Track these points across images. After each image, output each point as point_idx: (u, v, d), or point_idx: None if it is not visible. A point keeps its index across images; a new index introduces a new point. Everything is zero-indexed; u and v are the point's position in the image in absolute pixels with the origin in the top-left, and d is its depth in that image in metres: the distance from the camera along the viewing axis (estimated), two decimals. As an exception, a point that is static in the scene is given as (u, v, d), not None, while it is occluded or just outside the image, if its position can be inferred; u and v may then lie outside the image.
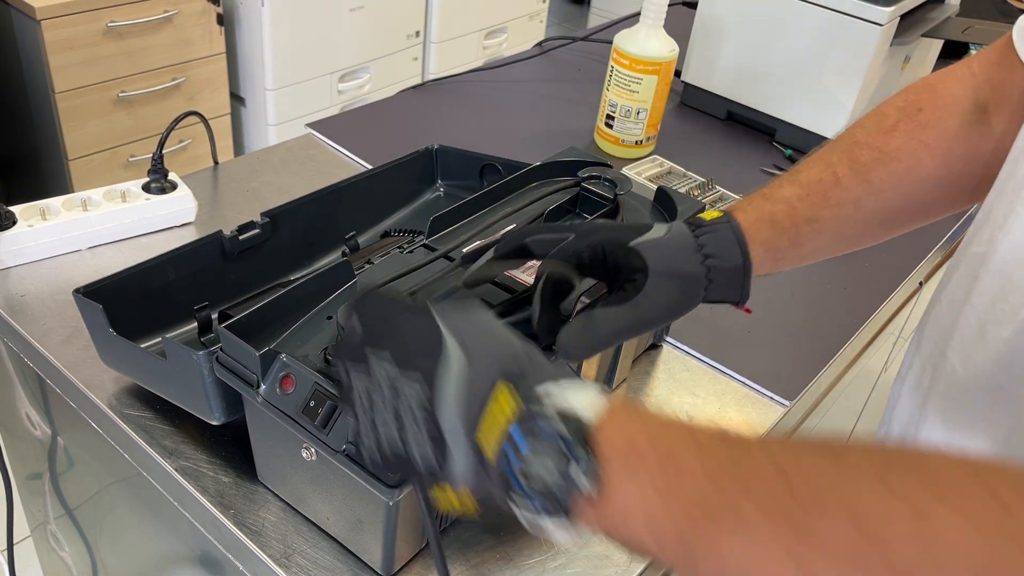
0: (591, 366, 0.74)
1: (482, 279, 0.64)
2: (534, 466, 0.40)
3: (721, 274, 0.61)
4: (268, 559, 0.62)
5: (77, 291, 0.68)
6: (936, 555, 0.31)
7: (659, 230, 0.61)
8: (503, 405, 0.42)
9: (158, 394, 0.70)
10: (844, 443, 0.37)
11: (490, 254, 0.63)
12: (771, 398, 0.84)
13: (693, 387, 0.84)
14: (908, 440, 0.66)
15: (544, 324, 0.60)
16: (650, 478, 0.39)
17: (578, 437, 0.40)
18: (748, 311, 0.63)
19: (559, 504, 0.40)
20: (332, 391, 0.56)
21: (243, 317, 0.60)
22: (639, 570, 0.66)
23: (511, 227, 0.67)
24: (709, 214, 0.63)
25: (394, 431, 0.45)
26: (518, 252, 0.62)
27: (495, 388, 0.43)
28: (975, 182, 0.67)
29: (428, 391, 0.44)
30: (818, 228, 0.65)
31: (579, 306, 0.67)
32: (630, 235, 0.60)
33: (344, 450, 0.55)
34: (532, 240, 0.61)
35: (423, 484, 0.48)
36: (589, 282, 0.66)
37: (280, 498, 0.66)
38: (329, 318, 0.63)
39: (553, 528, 0.42)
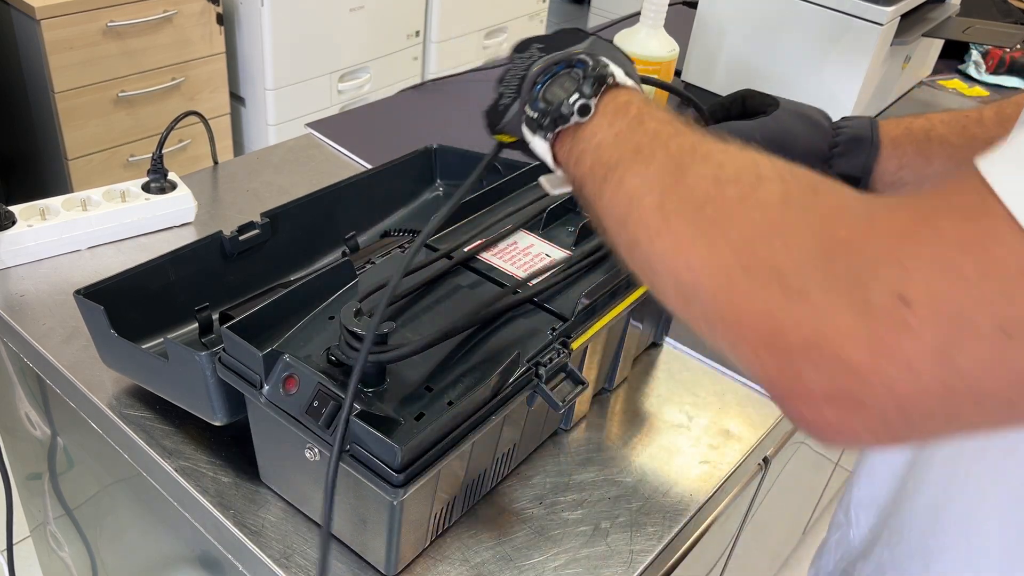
0: (592, 366, 0.74)
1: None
2: (554, 86, 0.51)
3: (848, 139, 0.67)
4: (268, 559, 0.62)
5: (78, 292, 0.68)
6: (754, 197, 0.39)
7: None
8: (560, 54, 0.53)
9: (160, 395, 0.70)
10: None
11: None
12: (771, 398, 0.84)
13: (693, 387, 0.84)
14: None
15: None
16: (618, 125, 0.48)
17: (594, 78, 0.50)
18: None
19: (550, 120, 0.50)
20: (336, 391, 0.56)
21: (245, 318, 0.60)
22: (639, 570, 0.66)
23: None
24: None
25: (505, 88, 0.55)
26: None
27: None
28: None
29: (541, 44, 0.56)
30: (948, 151, 0.67)
31: (579, 307, 0.67)
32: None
33: (348, 450, 0.55)
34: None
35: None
36: (593, 280, 0.66)
37: (280, 498, 0.66)
38: (331, 318, 0.63)
39: (542, 150, 0.52)
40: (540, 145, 0.52)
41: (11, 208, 0.87)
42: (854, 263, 0.34)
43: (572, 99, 0.49)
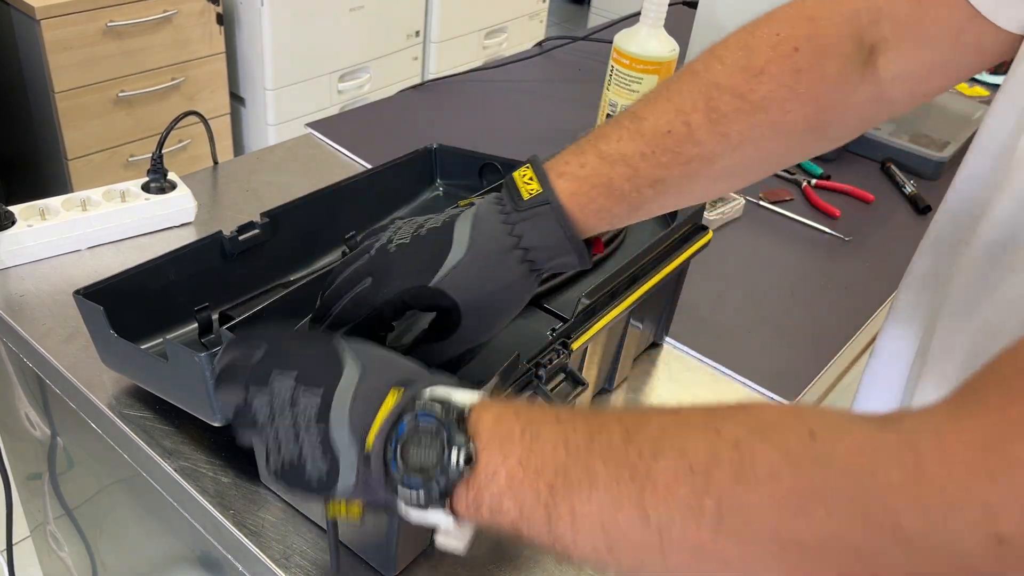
0: (592, 366, 0.74)
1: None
2: (413, 452, 0.42)
3: (549, 261, 0.55)
4: (268, 559, 0.62)
5: (77, 292, 0.68)
6: (751, 483, 0.34)
7: (462, 237, 0.54)
8: (389, 403, 0.44)
9: (159, 396, 0.69)
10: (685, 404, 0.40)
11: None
12: (771, 398, 0.84)
13: (693, 387, 0.84)
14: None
15: None
16: (513, 449, 0.41)
17: (453, 421, 0.42)
18: (601, 249, 0.58)
19: (440, 490, 0.41)
20: None
21: (245, 319, 0.60)
22: (639, 570, 0.65)
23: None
24: (523, 179, 0.55)
25: (293, 448, 0.46)
26: (336, 323, 0.56)
27: (388, 393, 0.44)
28: (845, 132, 0.60)
29: (327, 403, 0.45)
30: (662, 189, 0.55)
31: (579, 307, 0.67)
32: (428, 272, 0.53)
33: None
34: (338, 311, 0.56)
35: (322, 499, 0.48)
36: (593, 280, 0.64)
37: (280, 498, 0.66)
38: None
39: (438, 521, 0.43)
40: (438, 518, 0.42)
41: (11, 208, 0.87)
42: (927, 515, 0.30)
43: (450, 457, 0.41)
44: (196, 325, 0.75)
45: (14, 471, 1.03)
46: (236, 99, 2.43)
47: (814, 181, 1.23)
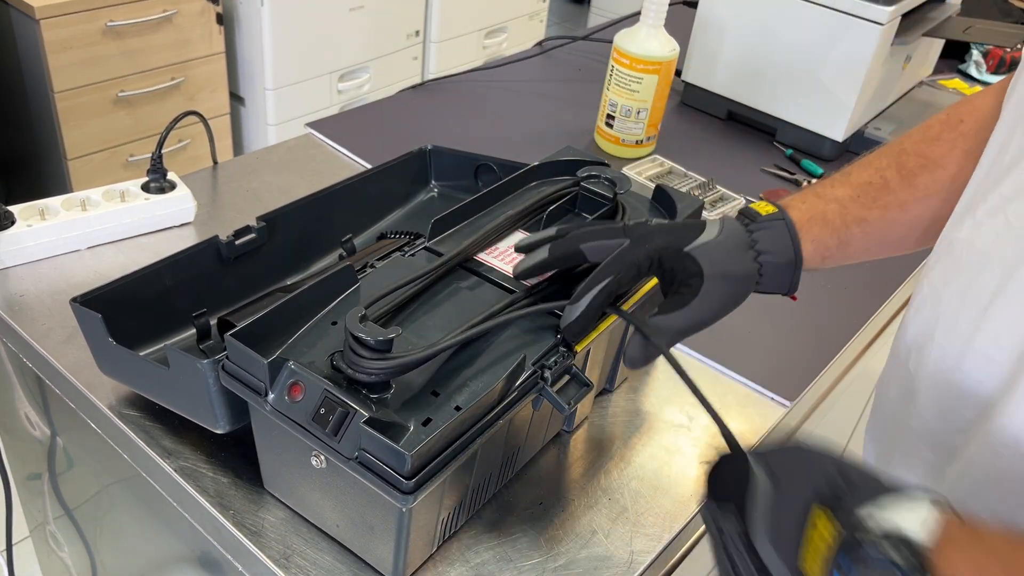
0: (594, 367, 0.74)
1: (534, 272, 0.67)
2: None
3: (773, 269, 0.64)
4: (267, 560, 0.62)
5: (74, 300, 0.67)
6: None
7: (712, 229, 0.63)
8: (823, 531, 0.40)
9: (159, 403, 0.69)
10: None
11: (544, 253, 0.65)
12: (771, 398, 0.84)
13: (693, 387, 0.83)
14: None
15: (584, 327, 0.63)
16: None
17: (913, 565, 0.38)
18: (795, 298, 0.69)
19: None
20: (342, 397, 0.55)
21: (248, 325, 0.59)
22: (639, 571, 0.65)
23: (550, 231, 0.67)
24: (763, 207, 0.66)
25: (730, 571, 0.46)
26: (573, 257, 0.64)
27: (811, 513, 0.41)
28: None
29: (742, 522, 0.45)
30: (867, 229, 0.67)
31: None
32: (685, 239, 0.62)
33: (356, 457, 0.55)
34: (588, 248, 0.63)
35: None
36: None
37: (279, 500, 0.66)
38: (334, 323, 0.62)
39: None
40: None
41: (11, 208, 0.87)
42: None
43: None
44: (193, 331, 0.75)
45: (14, 471, 1.03)
46: (236, 99, 2.43)
47: (814, 181, 1.23)
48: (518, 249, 0.69)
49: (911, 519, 0.39)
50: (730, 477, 0.47)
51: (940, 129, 0.70)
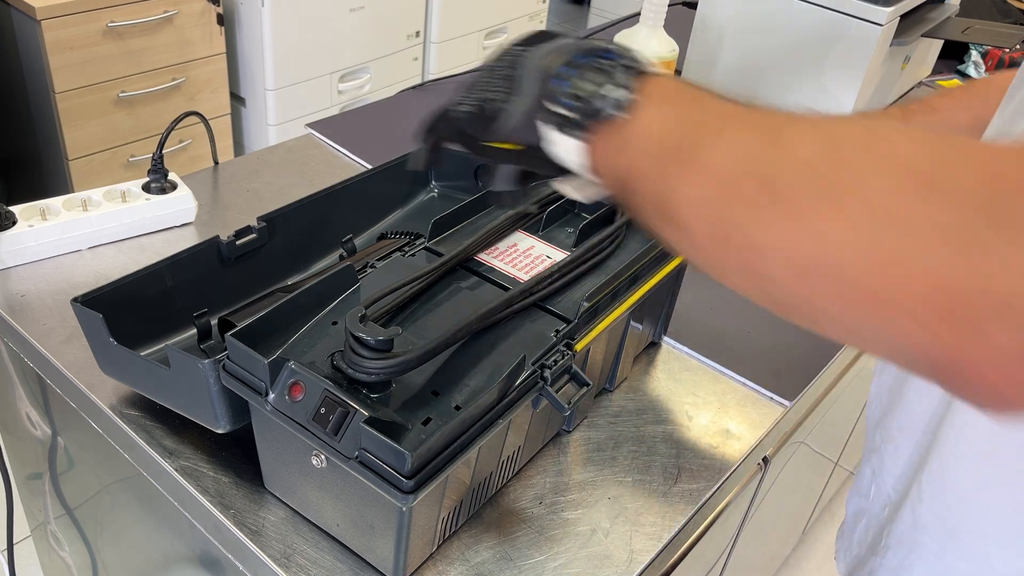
0: (594, 365, 0.74)
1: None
2: (582, 80, 0.44)
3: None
4: (268, 559, 0.62)
5: (75, 300, 0.68)
6: (880, 153, 0.35)
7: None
8: (568, 44, 0.47)
9: (160, 403, 0.69)
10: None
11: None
12: (771, 398, 0.84)
13: (693, 387, 0.84)
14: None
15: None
16: (676, 109, 0.42)
17: (631, 70, 0.44)
18: None
19: (587, 116, 0.44)
20: (342, 397, 0.56)
21: (248, 324, 0.59)
22: (639, 570, 0.66)
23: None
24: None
25: (483, 87, 0.51)
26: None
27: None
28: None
29: (524, 53, 0.49)
30: None
31: (582, 309, 0.67)
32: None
33: (356, 456, 0.55)
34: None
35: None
36: (595, 281, 0.65)
37: (280, 499, 0.66)
38: (334, 323, 0.63)
39: (567, 150, 0.45)
40: (569, 146, 0.45)
41: (11, 208, 0.87)
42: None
43: (609, 90, 0.43)
44: (194, 331, 0.75)
45: (15, 471, 1.04)
46: (236, 99, 2.43)
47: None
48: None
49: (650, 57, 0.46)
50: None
51: (940, 95, 0.76)
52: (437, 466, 0.55)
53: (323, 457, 0.57)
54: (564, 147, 0.46)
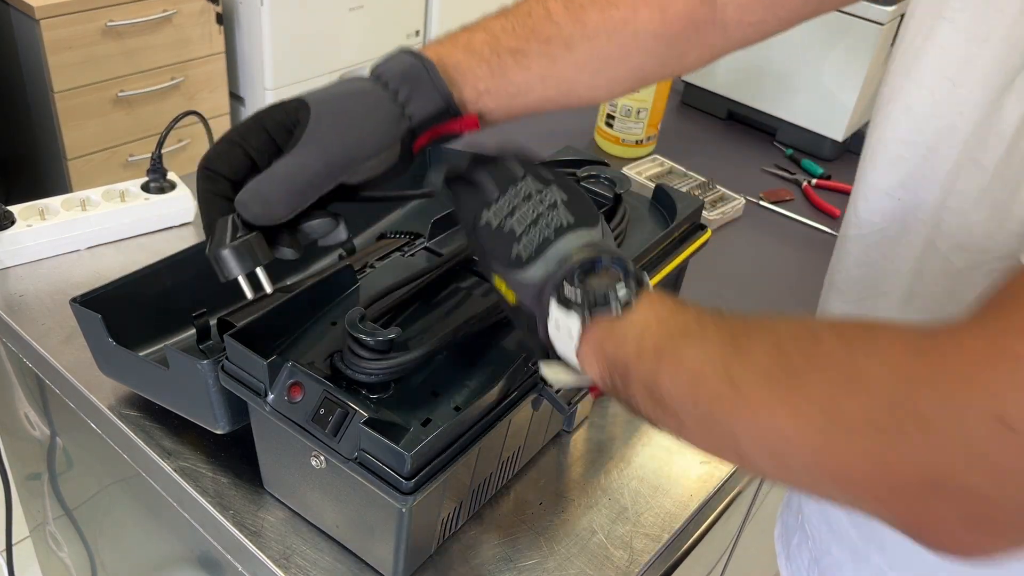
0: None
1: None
2: (597, 278, 0.50)
3: (392, 75, 0.61)
4: (267, 560, 0.62)
5: (74, 300, 0.67)
6: (815, 353, 0.39)
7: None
8: (599, 243, 0.53)
9: (159, 403, 0.69)
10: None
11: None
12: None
13: (693, 387, 0.83)
14: None
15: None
16: (659, 312, 0.48)
17: (637, 284, 0.50)
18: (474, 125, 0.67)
19: (593, 305, 0.49)
20: (341, 398, 0.55)
21: (247, 325, 0.59)
22: (639, 570, 0.66)
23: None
24: None
25: (520, 223, 0.53)
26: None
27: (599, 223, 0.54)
28: (693, 54, 0.67)
29: (564, 201, 0.54)
30: (524, 62, 0.61)
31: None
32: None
33: (356, 457, 0.55)
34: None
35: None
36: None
37: (279, 500, 0.66)
38: (334, 324, 0.62)
39: (566, 327, 0.49)
40: (568, 325, 0.49)
41: (10, 208, 0.87)
42: (942, 398, 0.34)
43: (617, 291, 0.49)
44: (193, 331, 0.75)
45: (14, 471, 1.03)
46: (236, 99, 2.43)
47: (814, 181, 1.23)
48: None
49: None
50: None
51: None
52: (437, 467, 0.55)
53: (322, 458, 0.57)
54: (563, 326, 0.50)
